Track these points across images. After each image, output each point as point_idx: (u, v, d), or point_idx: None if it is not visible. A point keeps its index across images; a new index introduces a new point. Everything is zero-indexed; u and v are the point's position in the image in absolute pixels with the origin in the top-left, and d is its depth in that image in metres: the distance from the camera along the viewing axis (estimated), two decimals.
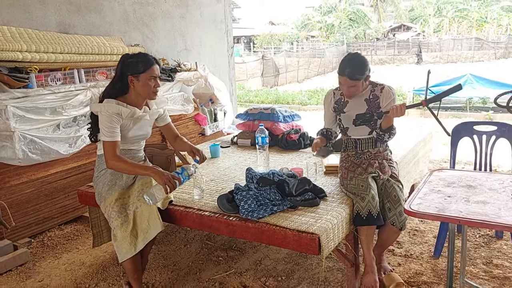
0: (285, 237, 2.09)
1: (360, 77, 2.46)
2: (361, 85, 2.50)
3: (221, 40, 6.69)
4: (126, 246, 2.29)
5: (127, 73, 2.38)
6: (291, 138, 3.63)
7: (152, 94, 2.45)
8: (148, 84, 2.39)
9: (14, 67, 3.42)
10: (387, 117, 2.45)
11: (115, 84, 2.43)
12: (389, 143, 2.69)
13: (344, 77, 2.47)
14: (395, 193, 2.44)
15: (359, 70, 2.45)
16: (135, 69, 2.37)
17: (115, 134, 2.34)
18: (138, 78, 2.38)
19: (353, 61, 2.48)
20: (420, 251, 2.96)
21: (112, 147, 2.32)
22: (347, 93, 2.55)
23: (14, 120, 3.15)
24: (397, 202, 2.41)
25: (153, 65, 2.41)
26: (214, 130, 5.47)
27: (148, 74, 2.38)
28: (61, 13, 4.25)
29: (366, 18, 38.72)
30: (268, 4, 46.69)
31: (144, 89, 2.40)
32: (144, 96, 2.46)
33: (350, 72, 2.44)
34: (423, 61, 27.20)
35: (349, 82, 2.47)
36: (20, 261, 3.07)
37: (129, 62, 2.39)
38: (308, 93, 13.99)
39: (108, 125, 2.31)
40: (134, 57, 2.41)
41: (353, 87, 2.49)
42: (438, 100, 2.48)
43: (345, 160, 2.66)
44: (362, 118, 2.50)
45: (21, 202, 3.41)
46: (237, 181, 2.81)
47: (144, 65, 2.37)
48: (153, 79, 2.41)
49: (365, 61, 2.50)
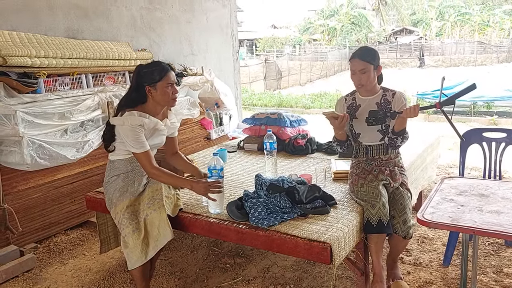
0: (296, 246, 2.08)
1: (371, 60, 2.49)
2: (372, 72, 2.50)
3: (226, 45, 6.70)
4: (137, 253, 2.28)
5: (144, 84, 2.38)
6: (298, 143, 3.62)
7: (172, 101, 2.46)
8: (166, 91, 2.40)
9: (23, 72, 3.43)
10: (400, 117, 2.44)
11: (130, 95, 2.43)
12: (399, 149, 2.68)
13: (355, 59, 2.50)
14: (402, 201, 2.43)
15: (369, 53, 2.53)
16: (151, 78, 2.37)
17: (144, 144, 2.36)
18: (155, 87, 2.38)
19: (363, 47, 2.66)
20: (429, 259, 2.95)
21: (147, 157, 2.36)
22: (359, 81, 2.52)
23: (22, 126, 3.15)
24: (402, 211, 2.40)
25: (169, 72, 2.41)
26: (219, 134, 5.47)
27: (165, 82, 2.38)
28: (69, 18, 4.26)
29: (368, 22, 38.74)
30: (271, 8, 46.78)
31: (163, 98, 2.41)
32: (163, 104, 2.47)
33: (361, 53, 2.51)
34: (425, 64, 27.19)
35: (359, 64, 2.48)
36: (27, 267, 3.06)
37: (144, 72, 2.39)
38: (311, 97, 13.97)
39: (135, 137, 2.32)
40: (149, 66, 2.41)
41: (364, 72, 2.48)
42: (452, 103, 2.45)
43: (355, 166, 2.65)
44: (375, 116, 2.49)
45: (28, 207, 3.41)
46: (245, 187, 2.80)
47: (159, 73, 2.37)
48: (170, 86, 2.41)
49: (375, 50, 2.61)
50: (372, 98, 2.59)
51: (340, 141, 2.68)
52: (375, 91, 2.60)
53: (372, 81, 2.54)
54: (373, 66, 2.51)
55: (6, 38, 3.52)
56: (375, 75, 2.55)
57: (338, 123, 2.49)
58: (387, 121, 2.54)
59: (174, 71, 2.50)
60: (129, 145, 2.35)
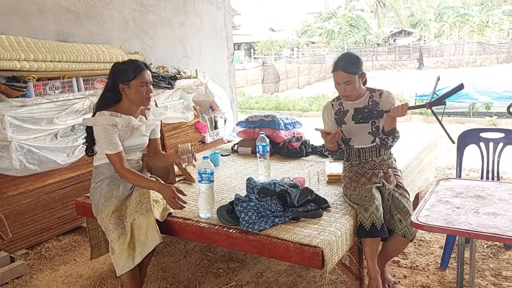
0: (287, 250, 2.02)
1: (354, 71, 2.40)
2: (356, 82, 2.43)
3: (221, 47, 6.65)
4: (124, 259, 2.22)
5: (118, 82, 2.34)
6: (293, 146, 3.56)
7: (145, 100, 2.41)
8: (140, 90, 2.35)
9: (12, 76, 3.37)
10: (388, 117, 2.37)
11: (106, 94, 2.39)
12: (392, 150, 2.62)
13: (338, 71, 2.41)
14: (403, 202, 2.37)
15: (353, 63, 2.42)
16: (125, 76, 2.33)
17: (116, 145, 2.32)
18: (129, 86, 2.34)
19: (346, 56, 2.47)
20: (426, 262, 2.89)
21: (118, 158, 2.32)
22: (344, 92, 2.46)
23: (11, 130, 3.10)
24: (407, 213, 2.34)
25: (143, 71, 2.36)
26: (214, 138, 5.41)
27: (139, 81, 2.34)
28: (60, 21, 4.21)
29: (366, 24, 38.78)
30: (269, 11, 46.84)
31: (137, 96, 2.37)
32: (137, 104, 2.42)
33: (344, 65, 2.40)
34: (424, 66, 27.15)
35: (344, 76, 2.40)
36: (17, 273, 3.00)
37: (119, 70, 2.35)
38: (309, 100, 13.94)
39: (107, 138, 2.29)
40: (124, 64, 2.38)
41: (349, 84, 2.41)
42: (442, 103, 2.39)
43: (348, 169, 2.59)
44: (361, 114, 2.41)
45: (19, 213, 3.34)
46: (237, 191, 2.74)
47: (134, 71, 2.33)
48: (145, 85, 2.37)
49: (358, 57, 2.49)
50: (359, 101, 2.52)
51: (332, 151, 2.65)
52: (361, 94, 2.53)
53: (358, 89, 2.48)
54: (358, 76, 2.43)
55: None
56: (360, 82, 2.49)
57: (330, 138, 2.45)
58: (377, 121, 2.47)
59: (150, 70, 2.45)
60: (102, 146, 2.32)
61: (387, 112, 2.36)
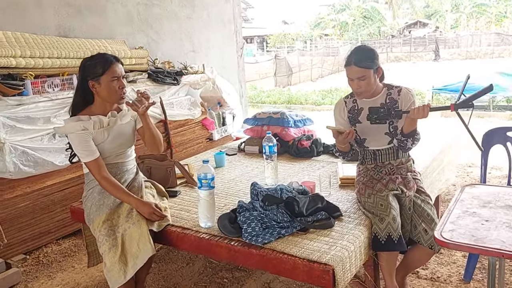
0: (294, 267, 1.82)
1: (369, 65, 2.15)
2: (371, 77, 2.18)
3: (229, 41, 6.44)
4: (115, 273, 2.04)
5: (87, 78, 2.13)
6: (303, 145, 3.35)
7: (119, 96, 2.18)
8: (111, 86, 2.13)
9: (7, 73, 3.22)
10: (408, 118, 2.14)
11: (76, 96, 2.19)
12: (411, 152, 2.39)
13: (351, 66, 2.17)
14: (427, 211, 2.15)
15: (367, 56, 2.17)
16: (94, 72, 2.11)
17: (91, 151, 2.12)
18: (99, 82, 2.13)
19: (359, 49, 2.23)
20: (448, 273, 2.66)
21: (94, 165, 2.13)
22: (358, 88, 2.21)
23: (4, 131, 2.94)
24: (431, 222, 2.12)
25: (113, 64, 2.14)
26: (222, 135, 5.22)
27: (109, 75, 2.12)
28: (60, 16, 4.05)
29: (380, 15, 38.08)
30: (282, 4, 46.33)
31: (109, 93, 2.15)
32: (110, 101, 2.20)
33: (357, 59, 2.16)
34: (440, 58, 26.51)
35: (357, 71, 2.16)
36: (11, 282, 2.85)
37: (88, 65, 2.14)
38: (322, 93, 13.62)
39: (81, 145, 2.11)
40: (92, 59, 2.16)
41: (363, 79, 2.17)
42: (468, 106, 2.16)
43: (363, 174, 2.36)
44: (377, 114, 2.18)
45: (15, 217, 3.19)
46: (242, 195, 2.55)
47: (102, 65, 2.11)
48: (116, 79, 2.14)
49: (372, 49, 2.24)
50: (376, 99, 2.29)
51: (343, 153, 2.41)
52: (378, 91, 2.29)
53: (373, 85, 2.23)
54: (373, 70, 2.19)
55: None
56: (376, 77, 2.24)
57: (342, 138, 2.21)
58: (395, 120, 2.25)
59: (122, 63, 2.22)
60: (78, 154, 2.15)
61: (407, 112, 2.13)
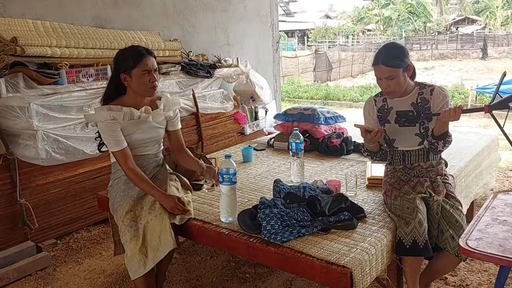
0: (311, 268, 1.76)
1: (397, 64, 2.04)
2: (401, 76, 2.07)
3: (265, 34, 6.38)
4: (135, 264, 2.06)
5: (119, 71, 2.15)
6: (332, 142, 3.27)
7: (150, 90, 2.19)
8: (142, 79, 2.14)
9: (43, 62, 3.31)
10: (439, 120, 2.03)
11: (109, 84, 2.22)
12: (443, 154, 2.26)
13: (378, 65, 2.08)
14: (456, 217, 2.04)
15: (395, 55, 2.06)
16: (125, 65, 2.13)
17: (118, 141, 2.15)
18: (130, 75, 2.14)
19: (387, 47, 2.13)
20: (479, 281, 2.52)
21: (121, 156, 2.16)
22: (386, 88, 2.12)
23: (37, 119, 3.02)
24: (460, 229, 2.01)
25: (144, 57, 2.14)
26: (254, 129, 5.18)
27: (140, 69, 2.13)
28: (97, 6, 4.12)
29: (426, 11, 36.80)
30: None
31: (139, 86, 2.16)
32: (141, 94, 2.22)
33: (384, 58, 2.05)
34: (488, 56, 25.34)
35: (385, 71, 2.06)
36: (41, 265, 2.94)
37: (120, 58, 2.16)
38: (360, 89, 13.31)
39: (109, 134, 2.14)
40: (124, 51, 2.18)
41: (392, 79, 2.07)
42: (505, 107, 2.02)
43: (390, 174, 2.26)
44: (406, 117, 2.10)
45: (47, 202, 3.30)
46: (266, 191, 2.52)
47: (134, 59, 2.13)
48: (148, 73, 2.15)
49: (402, 47, 2.14)
50: (406, 98, 2.18)
51: (372, 152, 2.32)
52: (409, 90, 2.18)
53: (403, 84, 2.12)
54: (402, 69, 2.07)
55: (29, 27, 3.43)
56: (406, 76, 2.13)
57: (371, 137, 2.12)
58: (425, 121, 2.13)
59: (154, 56, 2.22)
60: (106, 143, 2.18)
61: (437, 115, 2.02)
